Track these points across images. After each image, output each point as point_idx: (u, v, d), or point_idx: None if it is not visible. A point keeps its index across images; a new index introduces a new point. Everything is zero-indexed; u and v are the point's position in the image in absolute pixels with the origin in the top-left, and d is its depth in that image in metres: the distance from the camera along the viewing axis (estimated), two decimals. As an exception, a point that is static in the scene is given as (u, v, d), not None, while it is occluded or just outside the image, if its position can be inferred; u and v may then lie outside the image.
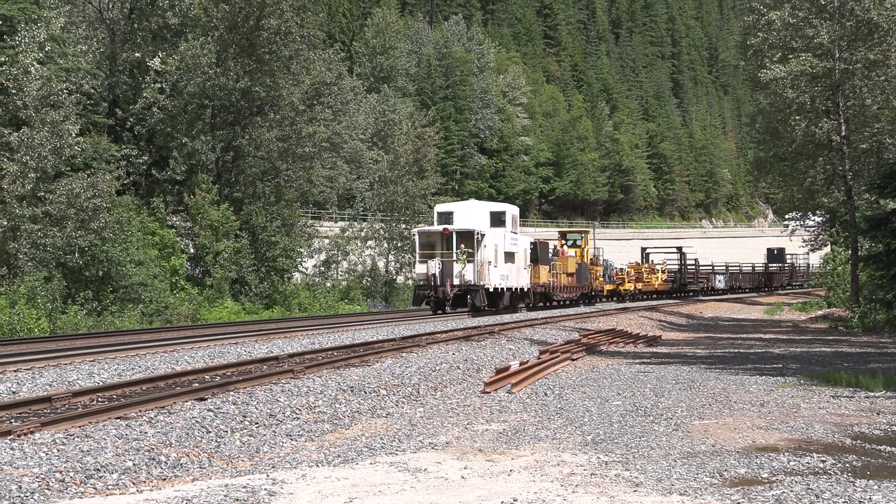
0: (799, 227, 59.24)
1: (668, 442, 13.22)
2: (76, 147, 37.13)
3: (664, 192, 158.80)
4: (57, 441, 11.55)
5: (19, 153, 35.20)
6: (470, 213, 42.72)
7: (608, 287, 63.48)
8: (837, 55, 46.36)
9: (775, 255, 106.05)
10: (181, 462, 11.74)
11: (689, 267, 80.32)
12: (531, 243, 47.94)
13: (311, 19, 49.94)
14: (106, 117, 45.17)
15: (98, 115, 44.41)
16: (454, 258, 40.25)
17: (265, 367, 19.24)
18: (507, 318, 39.10)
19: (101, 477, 10.71)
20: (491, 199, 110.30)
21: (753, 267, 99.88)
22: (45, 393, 15.08)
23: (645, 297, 70.68)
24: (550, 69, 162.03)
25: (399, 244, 62.35)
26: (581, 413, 15.97)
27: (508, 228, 43.26)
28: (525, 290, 46.25)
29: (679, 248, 78.92)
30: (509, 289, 43.70)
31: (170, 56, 45.85)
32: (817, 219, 61.49)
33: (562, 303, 54.29)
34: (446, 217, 42.93)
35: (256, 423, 14.00)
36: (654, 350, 30.50)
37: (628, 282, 67.38)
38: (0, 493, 9.59)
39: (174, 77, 45.83)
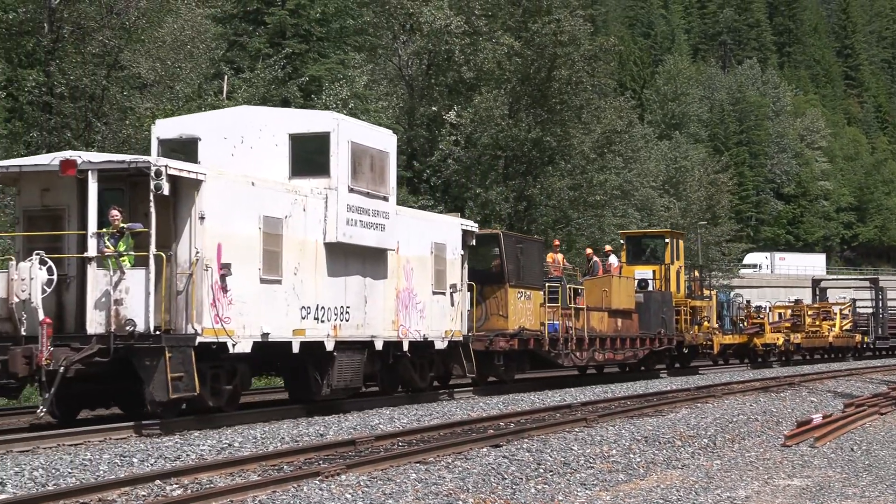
0: None
1: None
2: (378, 199, 38.78)
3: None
4: (361, 483, 11.97)
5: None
6: (239, 139, 19.14)
7: (726, 339, 39.05)
8: None
9: None
10: (478, 507, 11.90)
11: (890, 312, 53.40)
12: (472, 235, 24.52)
13: (602, 68, 50.11)
14: (404, 169, 46.89)
15: (398, 168, 46.12)
16: (92, 254, 15.78)
17: (558, 414, 19.32)
18: (807, 368, 34.52)
19: (401, 519, 11.00)
20: (789, 246, 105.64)
21: None
22: (349, 436, 15.69)
23: (813, 355, 46.48)
24: (852, 111, 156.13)
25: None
26: (892, 471, 15.09)
27: (343, 181, 19.27)
28: (445, 344, 22.44)
29: (874, 281, 54.93)
30: (365, 344, 20.06)
31: (464, 109, 47.14)
32: None
33: (585, 370, 30.98)
34: (184, 149, 18.96)
35: (550, 471, 14.02)
36: (972, 406, 28.43)
37: (773, 331, 42.37)
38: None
39: (468, 129, 47.02)
